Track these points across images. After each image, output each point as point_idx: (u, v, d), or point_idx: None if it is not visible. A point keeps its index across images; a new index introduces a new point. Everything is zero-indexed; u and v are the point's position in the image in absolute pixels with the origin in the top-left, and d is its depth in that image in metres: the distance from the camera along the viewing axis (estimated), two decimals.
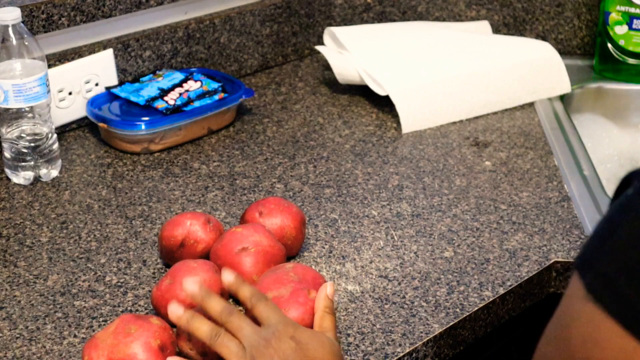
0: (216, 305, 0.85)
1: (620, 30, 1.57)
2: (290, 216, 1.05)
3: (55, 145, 1.26)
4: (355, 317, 0.97)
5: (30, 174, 1.24)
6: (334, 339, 0.85)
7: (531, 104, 1.50)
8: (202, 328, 0.84)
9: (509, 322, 1.06)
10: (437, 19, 1.69)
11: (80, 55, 1.37)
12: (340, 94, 1.54)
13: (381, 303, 0.99)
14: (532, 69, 1.49)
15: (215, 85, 1.40)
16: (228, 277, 0.87)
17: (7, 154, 1.24)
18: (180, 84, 1.39)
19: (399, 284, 1.03)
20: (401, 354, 0.91)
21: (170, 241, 1.02)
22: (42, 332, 0.95)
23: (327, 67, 1.62)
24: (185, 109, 1.34)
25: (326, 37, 1.56)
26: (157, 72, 1.44)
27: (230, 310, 0.84)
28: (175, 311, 0.85)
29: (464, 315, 0.98)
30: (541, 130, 1.41)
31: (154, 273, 1.05)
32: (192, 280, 0.88)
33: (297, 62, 1.66)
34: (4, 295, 1.01)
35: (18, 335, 0.94)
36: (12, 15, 1.17)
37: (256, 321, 0.85)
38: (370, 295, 1.00)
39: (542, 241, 1.11)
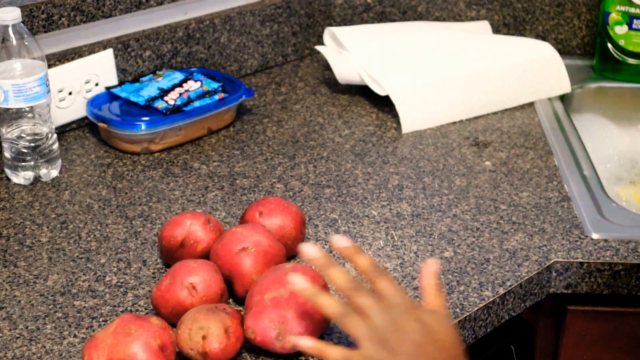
0: (340, 277, 0.84)
1: (620, 30, 1.57)
2: (290, 216, 1.05)
3: (55, 145, 1.26)
4: None
5: (30, 174, 1.24)
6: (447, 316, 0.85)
7: (531, 104, 1.50)
8: (329, 305, 0.83)
9: (509, 322, 1.06)
10: (437, 19, 1.69)
11: (80, 55, 1.37)
12: (340, 94, 1.54)
13: None
14: (532, 69, 1.49)
15: (215, 85, 1.40)
16: (342, 242, 0.86)
17: (7, 154, 1.24)
18: (180, 84, 1.39)
19: (399, 284, 1.03)
20: None
21: (170, 241, 1.02)
22: (42, 332, 0.95)
23: (327, 67, 1.62)
24: (185, 109, 1.34)
25: (326, 37, 1.56)
26: (157, 72, 1.44)
27: (356, 286, 0.83)
28: (298, 283, 0.84)
29: (464, 315, 0.98)
30: (541, 130, 1.41)
31: (154, 273, 1.05)
32: (310, 245, 0.85)
33: (297, 62, 1.66)
34: (4, 295, 1.01)
35: (18, 335, 0.94)
36: (12, 15, 1.17)
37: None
38: None
39: (542, 241, 1.11)
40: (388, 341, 0.80)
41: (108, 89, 1.39)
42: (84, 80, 1.38)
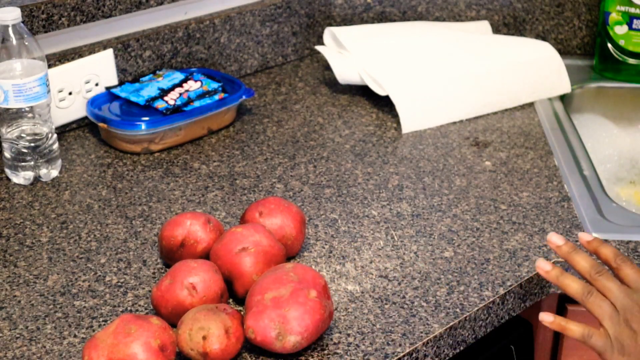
0: (583, 261, 0.92)
1: (620, 30, 1.57)
2: (290, 216, 1.05)
3: (55, 145, 1.26)
4: (355, 317, 0.97)
5: (30, 174, 1.24)
6: None
7: (531, 104, 1.50)
8: (572, 285, 0.92)
9: (509, 322, 1.06)
10: (437, 19, 1.69)
11: (80, 55, 1.37)
12: (340, 94, 1.54)
13: (381, 303, 0.99)
14: (532, 69, 1.49)
15: (215, 85, 1.40)
16: (586, 237, 0.95)
17: (7, 154, 1.24)
18: (180, 84, 1.39)
19: (399, 284, 1.03)
20: (401, 354, 0.91)
21: (170, 241, 1.02)
22: (42, 332, 0.95)
23: (327, 67, 1.62)
24: (185, 109, 1.34)
25: (326, 37, 1.56)
26: (157, 72, 1.44)
27: (599, 269, 0.90)
28: (543, 266, 0.94)
29: (464, 315, 0.98)
30: (541, 130, 1.41)
31: (154, 273, 1.05)
32: (556, 235, 0.96)
33: (297, 62, 1.66)
34: (4, 295, 1.01)
35: (18, 335, 0.94)
36: (12, 15, 1.17)
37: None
38: (370, 295, 1.00)
39: (542, 241, 1.11)
40: (630, 322, 0.87)
41: (108, 89, 1.39)
42: (84, 80, 1.38)
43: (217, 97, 1.38)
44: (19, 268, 1.06)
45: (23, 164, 1.23)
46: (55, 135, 1.26)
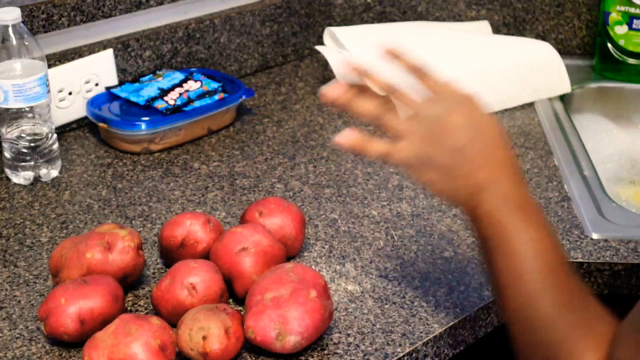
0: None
1: (620, 30, 1.57)
2: (290, 216, 1.05)
3: (55, 145, 1.26)
4: (355, 317, 0.97)
5: (30, 174, 1.24)
6: None
7: (531, 104, 1.50)
8: (366, 104, 0.91)
9: None
10: (437, 19, 1.69)
11: (80, 55, 1.37)
12: None
13: (381, 303, 0.99)
14: (532, 69, 1.49)
15: (215, 85, 1.40)
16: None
17: (7, 154, 1.24)
18: (180, 84, 1.39)
19: (399, 284, 1.03)
20: (401, 354, 0.91)
21: (170, 241, 1.02)
22: (42, 332, 0.95)
23: (327, 67, 1.62)
24: (185, 109, 1.34)
25: (326, 37, 1.55)
26: (157, 72, 1.44)
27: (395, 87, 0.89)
28: (331, 93, 0.91)
29: (464, 315, 0.98)
30: (541, 130, 1.41)
31: (154, 273, 1.05)
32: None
33: (297, 62, 1.66)
34: (4, 295, 1.01)
35: (18, 335, 0.94)
36: (12, 15, 1.17)
37: None
38: (370, 295, 1.00)
39: None
40: (435, 133, 0.85)
41: (108, 89, 1.39)
42: (84, 80, 1.38)
43: (217, 97, 1.38)
44: (19, 268, 1.06)
45: (23, 164, 1.23)
46: (55, 135, 1.26)
